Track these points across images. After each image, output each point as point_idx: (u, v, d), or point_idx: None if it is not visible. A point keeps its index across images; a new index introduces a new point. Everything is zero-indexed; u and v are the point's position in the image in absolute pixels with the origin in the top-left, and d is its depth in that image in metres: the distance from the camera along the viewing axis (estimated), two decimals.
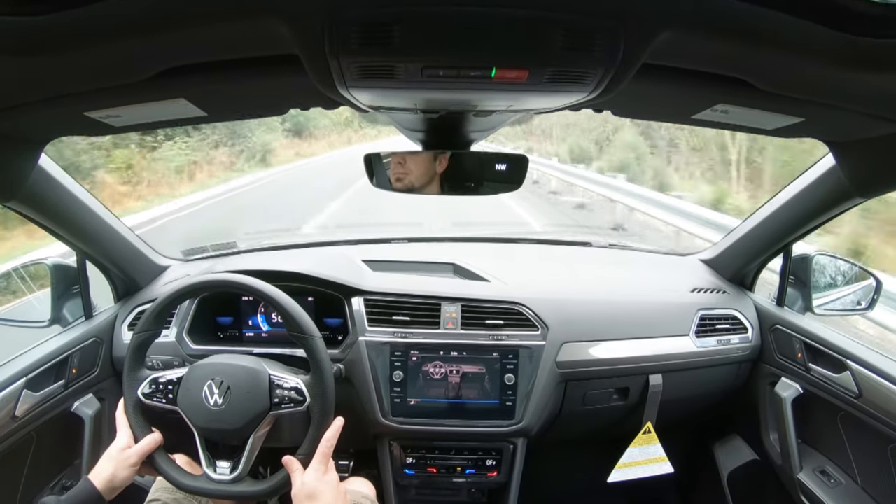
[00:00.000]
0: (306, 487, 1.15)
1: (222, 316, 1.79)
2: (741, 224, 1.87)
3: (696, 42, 0.71)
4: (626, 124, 15.15)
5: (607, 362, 1.72)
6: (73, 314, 1.71)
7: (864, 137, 1.07)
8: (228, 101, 1.03)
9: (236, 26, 0.68)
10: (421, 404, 1.65)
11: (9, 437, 1.38)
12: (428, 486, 1.85)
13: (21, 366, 1.44)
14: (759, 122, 1.02)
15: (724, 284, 1.94)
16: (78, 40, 0.65)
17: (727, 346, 1.81)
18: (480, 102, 0.96)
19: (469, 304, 1.71)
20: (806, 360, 1.62)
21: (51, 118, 1.00)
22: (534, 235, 2.46)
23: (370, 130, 27.22)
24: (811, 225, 1.56)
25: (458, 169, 1.22)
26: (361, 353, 1.63)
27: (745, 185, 11.26)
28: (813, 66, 0.72)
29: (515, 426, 1.66)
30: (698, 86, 0.87)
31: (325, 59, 0.68)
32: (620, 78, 0.74)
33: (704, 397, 1.92)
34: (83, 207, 1.51)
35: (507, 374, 1.64)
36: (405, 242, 2.24)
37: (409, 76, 0.74)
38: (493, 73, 0.71)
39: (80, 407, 1.60)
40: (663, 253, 2.31)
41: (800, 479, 1.62)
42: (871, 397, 1.41)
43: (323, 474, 1.17)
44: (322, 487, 1.15)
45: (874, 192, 1.26)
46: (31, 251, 5.99)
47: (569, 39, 0.66)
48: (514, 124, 2.17)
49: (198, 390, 1.20)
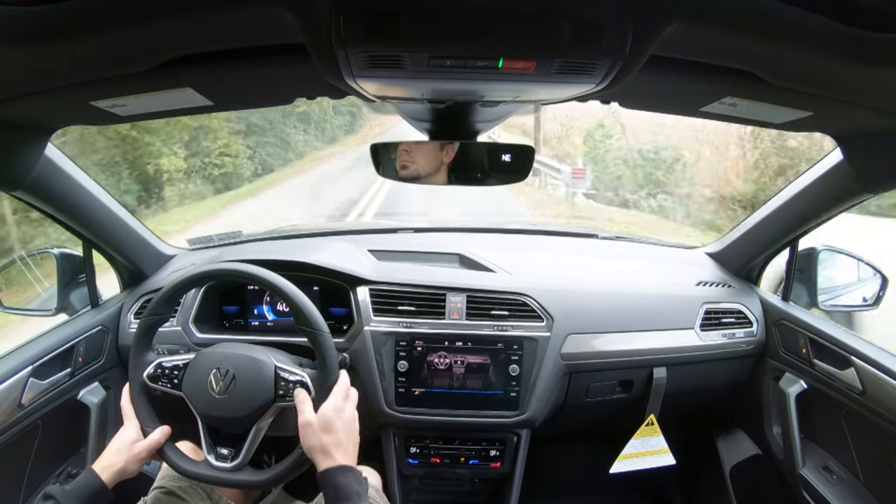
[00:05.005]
0: (322, 417, 1.13)
1: (228, 305, 1.80)
2: (748, 218, 1.86)
3: (705, 34, 0.70)
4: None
5: (612, 354, 1.72)
6: (80, 303, 1.72)
7: (873, 132, 1.06)
8: (234, 90, 1.03)
9: (243, 16, 0.68)
10: (425, 394, 1.66)
11: (15, 424, 1.39)
12: (432, 476, 1.86)
13: (27, 354, 1.45)
14: (767, 115, 1.02)
15: (730, 278, 1.94)
16: (84, 30, 0.65)
17: (732, 340, 1.80)
18: (487, 93, 0.95)
19: (474, 294, 1.71)
20: (810, 356, 1.62)
21: (57, 107, 1.00)
22: (540, 227, 2.45)
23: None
24: (818, 220, 1.55)
25: (464, 159, 1.22)
26: (366, 343, 1.63)
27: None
28: (822, 61, 0.72)
29: (519, 417, 1.66)
30: (706, 78, 0.87)
31: (332, 49, 0.68)
32: (628, 69, 0.73)
33: (708, 391, 1.92)
34: (89, 196, 1.51)
35: (512, 364, 1.64)
36: (411, 232, 2.24)
37: (416, 66, 0.74)
38: (501, 63, 0.71)
39: (85, 395, 1.61)
40: (669, 246, 2.30)
41: (802, 474, 1.62)
42: (875, 394, 1.40)
43: (340, 410, 1.15)
44: (338, 424, 1.13)
45: (882, 188, 1.25)
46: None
47: (576, 30, 0.66)
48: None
49: (203, 377, 1.21)
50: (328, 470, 1.09)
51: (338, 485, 1.06)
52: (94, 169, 8.72)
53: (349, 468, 1.10)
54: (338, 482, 1.06)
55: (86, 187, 1.49)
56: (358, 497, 1.05)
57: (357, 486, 1.07)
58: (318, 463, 1.11)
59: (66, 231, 1.56)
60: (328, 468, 1.09)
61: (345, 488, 1.06)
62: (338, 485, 1.06)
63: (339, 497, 1.05)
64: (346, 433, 1.13)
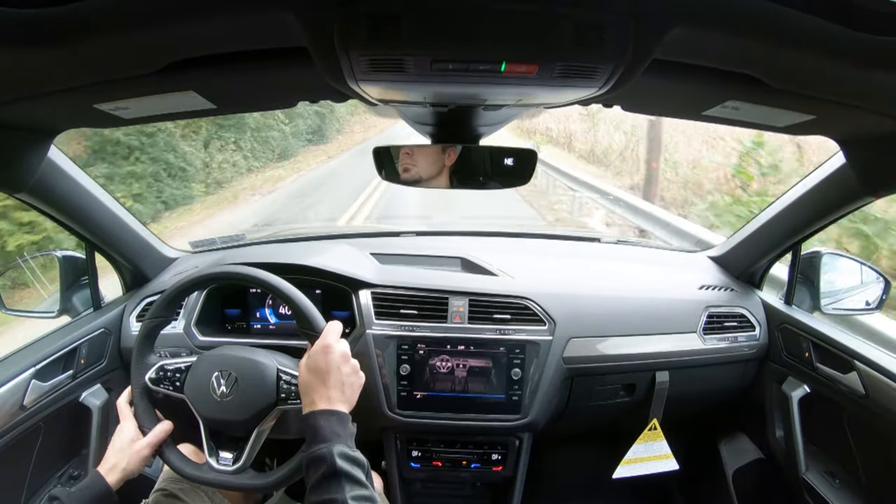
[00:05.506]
0: (309, 361, 1.10)
1: (230, 308, 1.80)
2: (750, 222, 1.86)
3: (707, 38, 0.70)
4: None
5: (614, 358, 1.72)
6: (82, 305, 1.73)
7: (876, 136, 1.06)
8: (237, 93, 1.03)
9: (246, 19, 0.68)
10: (427, 398, 1.66)
11: (17, 426, 1.39)
12: (434, 480, 1.86)
13: (30, 356, 1.45)
14: (770, 119, 1.02)
15: (733, 282, 1.93)
16: (87, 32, 0.65)
17: (734, 343, 1.80)
18: (489, 96, 0.96)
19: (477, 298, 1.70)
20: (813, 360, 1.61)
21: (60, 110, 1.00)
22: (542, 230, 2.45)
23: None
24: (821, 223, 1.55)
25: (466, 163, 1.22)
26: (368, 346, 1.64)
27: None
28: (826, 64, 0.72)
29: (521, 421, 1.66)
30: (709, 82, 0.87)
31: (335, 52, 0.68)
32: (631, 73, 0.73)
33: (711, 395, 1.91)
34: (92, 199, 1.52)
35: (514, 368, 1.64)
36: (413, 236, 2.24)
37: (419, 70, 0.74)
38: (503, 67, 0.71)
39: (87, 397, 1.62)
40: (672, 249, 2.30)
41: (805, 478, 1.61)
42: (878, 398, 1.40)
43: (327, 353, 1.10)
44: (323, 364, 1.08)
45: (885, 192, 1.25)
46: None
47: (579, 34, 0.66)
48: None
49: (205, 380, 1.21)
50: (309, 413, 1.05)
51: (317, 427, 1.01)
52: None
53: (331, 411, 1.04)
54: (318, 425, 1.02)
55: (89, 190, 1.49)
56: (337, 438, 1.00)
57: (338, 428, 1.02)
58: (304, 407, 1.08)
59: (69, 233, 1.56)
60: (309, 411, 1.05)
61: (323, 430, 1.01)
62: (317, 427, 1.01)
63: (316, 439, 1.00)
64: (335, 375, 1.08)
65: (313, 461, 0.97)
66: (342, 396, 1.08)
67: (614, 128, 13.15)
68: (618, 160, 12.50)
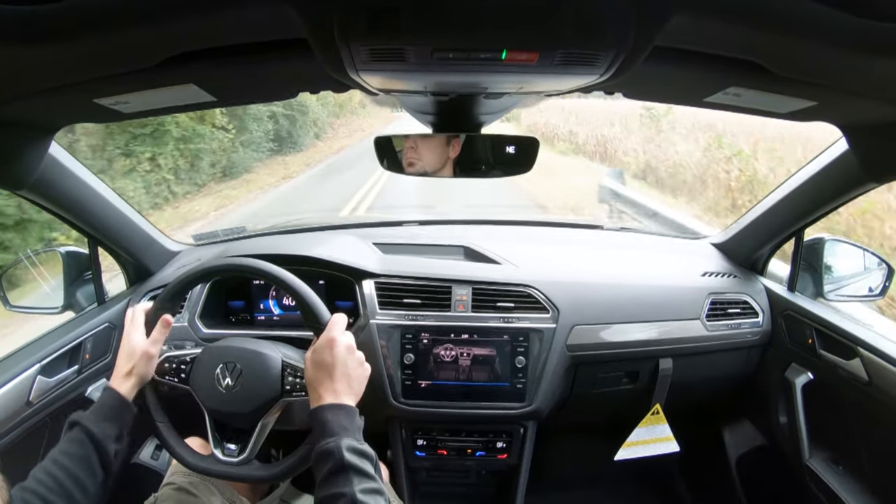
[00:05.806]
0: (315, 355, 1.10)
1: (234, 300, 1.80)
2: (753, 208, 1.85)
3: (709, 25, 0.70)
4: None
5: (617, 345, 1.72)
6: (86, 300, 1.73)
7: (878, 122, 1.06)
8: (238, 86, 1.03)
9: (246, 11, 0.68)
10: (432, 387, 1.66)
11: (23, 423, 1.39)
12: (439, 469, 1.87)
13: (35, 352, 1.45)
14: (772, 105, 1.01)
15: (736, 269, 1.93)
16: (86, 28, 0.65)
17: (738, 330, 1.80)
18: (491, 85, 0.95)
19: (480, 286, 1.71)
20: (816, 346, 1.61)
21: (60, 106, 1.00)
22: (545, 218, 2.45)
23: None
24: (823, 210, 1.55)
25: (469, 152, 1.22)
26: (372, 336, 1.64)
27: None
28: (828, 51, 0.71)
29: (526, 409, 1.67)
30: (711, 69, 0.86)
31: (335, 43, 0.68)
32: (632, 60, 0.73)
33: (714, 381, 1.92)
34: (94, 194, 1.52)
35: (518, 356, 1.65)
36: (416, 225, 2.24)
37: (420, 59, 0.73)
38: (504, 55, 0.71)
39: (93, 392, 1.62)
40: (674, 236, 2.29)
41: (809, 464, 1.62)
42: (881, 384, 1.40)
43: (332, 347, 1.09)
44: (328, 358, 1.08)
45: (887, 178, 1.25)
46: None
47: (580, 21, 0.66)
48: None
49: (210, 372, 1.21)
50: (316, 408, 1.05)
51: (324, 421, 1.01)
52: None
53: (338, 405, 1.04)
54: (325, 419, 1.01)
55: (90, 185, 1.49)
56: (345, 431, 0.99)
57: (345, 422, 1.01)
58: (311, 402, 1.08)
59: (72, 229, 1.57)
60: (317, 406, 1.05)
61: (330, 425, 1.00)
62: (324, 421, 1.01)
63: (324, 433, 1.00)
64: (340, 369, 1.08)
65: (322, 456, 0.97)
66: (349, 389, 1.08)
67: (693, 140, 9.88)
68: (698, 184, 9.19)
